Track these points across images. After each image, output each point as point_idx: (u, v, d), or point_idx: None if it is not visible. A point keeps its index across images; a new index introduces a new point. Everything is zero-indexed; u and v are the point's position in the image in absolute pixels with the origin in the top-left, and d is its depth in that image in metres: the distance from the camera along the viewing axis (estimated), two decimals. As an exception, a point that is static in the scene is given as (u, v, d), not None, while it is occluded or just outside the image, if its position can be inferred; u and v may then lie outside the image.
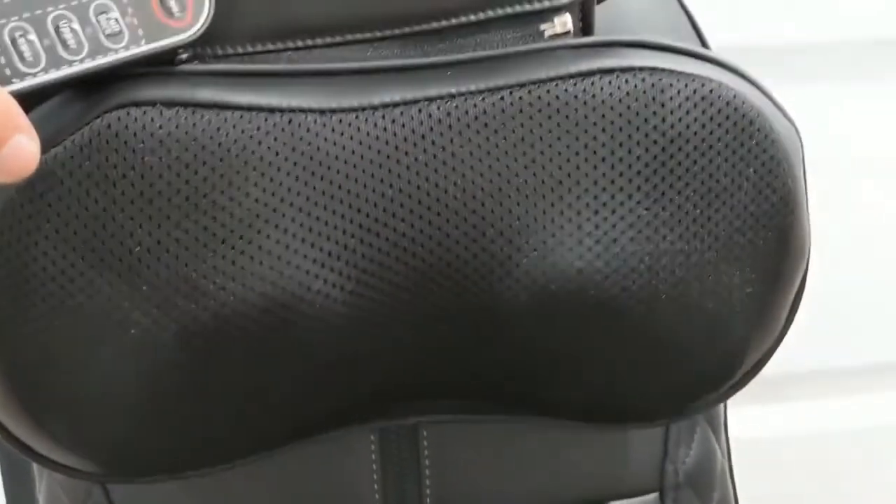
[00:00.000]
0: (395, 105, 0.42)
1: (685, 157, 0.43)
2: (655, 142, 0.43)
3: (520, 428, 0.50)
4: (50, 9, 0.40)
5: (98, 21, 0.40)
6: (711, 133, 0.43)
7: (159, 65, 0.42)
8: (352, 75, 0.43)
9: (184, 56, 0.42)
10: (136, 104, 0.40)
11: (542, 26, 0.45)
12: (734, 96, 0.44)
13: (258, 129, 0.41)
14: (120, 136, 0.40)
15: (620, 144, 0.43)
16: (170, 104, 0.40)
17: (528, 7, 0.45)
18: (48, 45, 0.40)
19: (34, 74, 0.40)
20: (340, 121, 0.42)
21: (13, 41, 0.39)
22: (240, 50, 0.44)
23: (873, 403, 1.03)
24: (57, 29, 0.40)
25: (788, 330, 0.48)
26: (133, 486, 0.52)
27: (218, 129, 0.40)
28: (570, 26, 0.45)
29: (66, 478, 0.55)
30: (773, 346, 0.48)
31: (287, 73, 0.43)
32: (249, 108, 0.41)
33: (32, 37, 0.40)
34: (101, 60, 0.40)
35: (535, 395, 0.47)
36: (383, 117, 0.42)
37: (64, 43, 0.40)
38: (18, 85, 0.39)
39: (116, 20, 0.41)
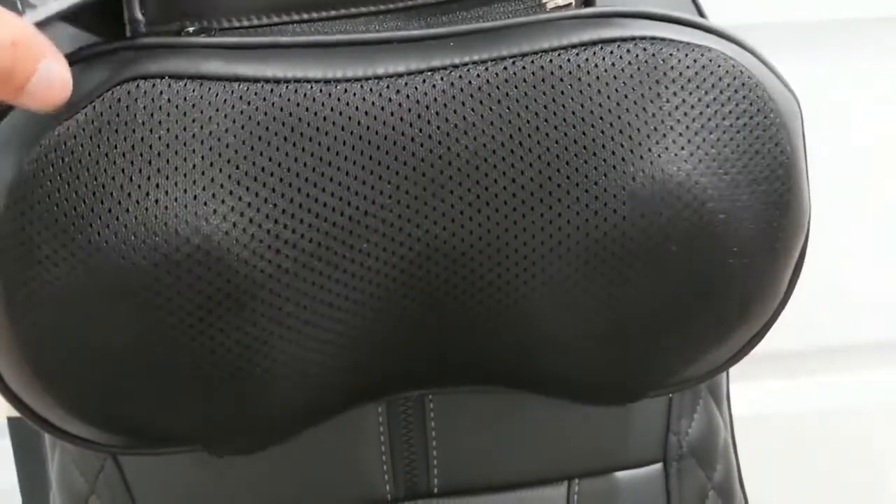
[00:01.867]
0: (400, 75, 0.43)
1: (687, 126, 0.44)
2: (660, 109, 0.43)
3: (525, 399, 0.51)
4: None
5: None
6: (714, 100, 0.44)
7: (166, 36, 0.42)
8: (356, 46, 0.43)
9: (190, 29, 0.43)
10: (145, 77, 0.41)
11: (544, -2, 0.46)
12: (733, 65, 0.44)
13: (264, 100, 0.41)
14: (130, 109, 0.40)
15: (627, 110, 0.43)
16: (178, 77, 0.41)
17: None
18: None
19: (46, 3, 0.40)
20: (345, 91, 0.42)
21: None
22: (245, 23, 0.44)
23: (879, 380, 1.03)
24: None
25: (787, 303, 0.48)
26: (145, 459, 0.53)
27: (225, 100, 0.41)
28: (571, -2, 0.46)
29: (78, 453, 0.55)
30: (770, 319, 0.48)
31: (292, 45, 0.43)
32: (255, 80, 0.41)
33: None
34: None
35: (532, 370, 0.47)
36: (388, 87, 0.42)
37: None
38: (34, 16, 0.39)
39: None
